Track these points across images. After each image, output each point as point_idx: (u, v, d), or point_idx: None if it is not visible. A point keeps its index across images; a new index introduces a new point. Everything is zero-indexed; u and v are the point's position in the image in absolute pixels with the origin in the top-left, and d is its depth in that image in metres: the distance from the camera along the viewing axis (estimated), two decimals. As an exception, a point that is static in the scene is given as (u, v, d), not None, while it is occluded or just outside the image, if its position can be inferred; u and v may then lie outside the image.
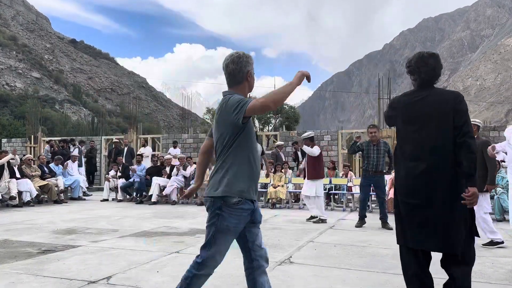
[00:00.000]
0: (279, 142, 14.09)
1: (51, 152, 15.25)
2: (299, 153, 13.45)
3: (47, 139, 19.65)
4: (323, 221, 8.03)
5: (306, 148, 8.23)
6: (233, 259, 4.91)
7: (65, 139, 17.78)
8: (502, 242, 5.96)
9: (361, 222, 7.75)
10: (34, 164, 11.96)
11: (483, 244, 5.93)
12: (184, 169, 12.21)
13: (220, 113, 2.63)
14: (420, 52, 3.21)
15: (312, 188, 8.19)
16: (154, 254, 5.14)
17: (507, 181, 8.85)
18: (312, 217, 8.23)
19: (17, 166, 11.07)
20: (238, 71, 2.65)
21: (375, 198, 11.35)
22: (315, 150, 8.17)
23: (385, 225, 7.54)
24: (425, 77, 3.07)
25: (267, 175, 11.29)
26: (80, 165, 15.41)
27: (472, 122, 4.61)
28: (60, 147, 15.36)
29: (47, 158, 13.68)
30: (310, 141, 8.35)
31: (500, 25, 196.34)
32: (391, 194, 9.75)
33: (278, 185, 10.92)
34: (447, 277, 3.13)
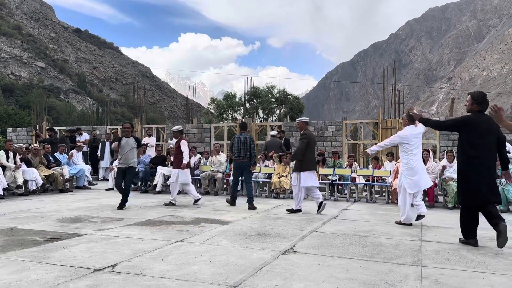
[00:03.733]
0: (273, 132, 13.60)
1: (38, 141, 15.11)
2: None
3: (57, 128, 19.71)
4: (172, 203, 8.93)
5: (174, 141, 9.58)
6: (236, 248, 4.95)
7: (52, 128, 17.76)
8: (300, 210, 7.95)
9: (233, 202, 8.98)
10: (38, 155, 11.98)
11: (287, 210, 8.10)
12: (188, 159, 12.22)
13: None
14: (482, 92, 5.37)
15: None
16: (158, 242, 5.18)
17: (512, 172, 8.86)
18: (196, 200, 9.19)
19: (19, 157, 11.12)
20: None
21: (379, 189, 11.38)
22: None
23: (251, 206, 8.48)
24: (483, 109, 5.21)
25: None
26: (101, 158, 15.53)
27: (302, 120, 8.47)
28: (49, 135, 15.22)
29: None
30: (179, 134, 9.32)
31: (508, 14, 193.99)
32: (395, 184, 9.75)
33: (282, 175, 10.94)
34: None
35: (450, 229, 6.45)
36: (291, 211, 8.03)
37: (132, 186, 12.45)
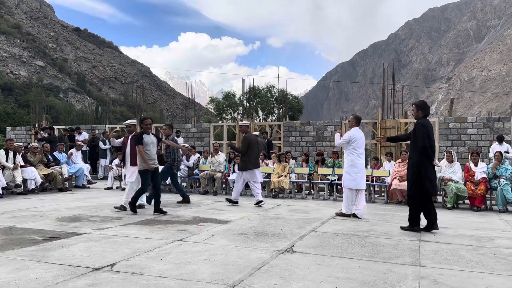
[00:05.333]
0: (256, 132, 14.30)
1: (37, 139, 15.16)
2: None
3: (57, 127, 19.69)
4: (124, 208, 7.95)
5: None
6: (235, 247, 4.95)
7: (50, 126, 17.76)
8: (262, 202, 8.76)
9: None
10: (38, 153, 11.97)
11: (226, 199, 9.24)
12: (187, 159, 12.23)
13: None
14: (423, 100, 6.65)
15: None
16: (157, 242, 5.18)
17: (511, 172, 8.85)
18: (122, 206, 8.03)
19: (21, 154, 11.11)
20: None
21: (378, 189, 11.39)
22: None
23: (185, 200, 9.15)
24: (427, 113, 6.28)
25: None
26: (103, 156, 15.50)
27: (244, 123, 9.51)
28: (47, 134, 15.22)
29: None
30: (135, 128, 8.61)
31: (507, 15, 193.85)
32: (393, 184, 9.74)
33: (282, 175, 10.95)
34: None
35: (449, 229, 6.46)
36: (229, 201, 9.10)
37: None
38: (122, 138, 8.74)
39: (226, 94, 38.83)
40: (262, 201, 8.89)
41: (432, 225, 6.17)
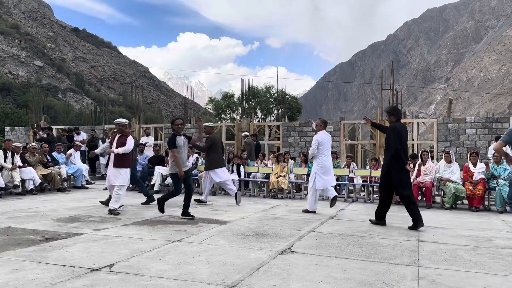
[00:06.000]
0: (245, 133, 14.68)
1: (35, 140, 15.11)
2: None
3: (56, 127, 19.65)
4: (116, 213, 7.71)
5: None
6: (234, 248, 4.95)
7: (49, 126, 17.73)
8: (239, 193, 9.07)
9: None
10: (37, 153, 11.96)
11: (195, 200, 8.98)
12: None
13: None
14: (392, 105, 7.29)
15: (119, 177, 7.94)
16: (156, 242, 5.18)
17: (509, 172, 8.86)
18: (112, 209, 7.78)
19: (19, 154, 11.10)
20: None
21: (376, 189, 11.39)
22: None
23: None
24: (399, 117, 6.70)
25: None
26: (102, 155, 15.29)
27: (208, 125, 9.61)
28: (46, 134, 15.17)
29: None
30: (125, 128, 8.33)
31: (505, 16, 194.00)
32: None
33: (280, 175, 10.95)
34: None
35: (448, 229, 6.48)
36: (198, 201, 9.23)
37: (130, 185, 12.44)
38: (109, 138, 8.53)
39: (225, 94, 38.83)
40: (239, 192, 9.20)
41: (417, 223, 6.31)
